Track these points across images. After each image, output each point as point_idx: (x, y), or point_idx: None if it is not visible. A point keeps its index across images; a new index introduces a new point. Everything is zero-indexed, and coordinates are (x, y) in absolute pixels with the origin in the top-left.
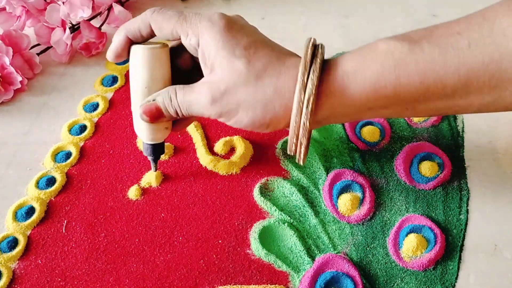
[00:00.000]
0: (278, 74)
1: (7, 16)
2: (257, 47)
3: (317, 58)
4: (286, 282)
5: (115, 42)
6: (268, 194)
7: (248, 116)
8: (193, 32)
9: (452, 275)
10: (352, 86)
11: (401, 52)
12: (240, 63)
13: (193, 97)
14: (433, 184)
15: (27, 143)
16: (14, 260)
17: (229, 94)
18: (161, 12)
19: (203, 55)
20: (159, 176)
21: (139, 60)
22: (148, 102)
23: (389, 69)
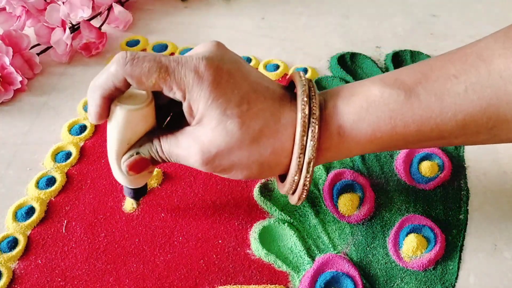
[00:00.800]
0: (274, 135)
1: (7, 16)
2: (250, 101)
3: (315, 115)
4: (286, 282)
5: (92, 106)
6: (268, 194)
7: (243, 174)
8: (178, 87)
9: (452, 275)
10: (348, 140)
11: (396, 101)
12: (233, 124)
13: (181, 152)
14: (433, 184)
15: (27, 143)
16: (14, 260)
17: (221, 157)
18: (136, 64)
19: (189, 109)
20: (160, 176)
21: (121, 120)
22: (131, 156)
23: (385, 120)
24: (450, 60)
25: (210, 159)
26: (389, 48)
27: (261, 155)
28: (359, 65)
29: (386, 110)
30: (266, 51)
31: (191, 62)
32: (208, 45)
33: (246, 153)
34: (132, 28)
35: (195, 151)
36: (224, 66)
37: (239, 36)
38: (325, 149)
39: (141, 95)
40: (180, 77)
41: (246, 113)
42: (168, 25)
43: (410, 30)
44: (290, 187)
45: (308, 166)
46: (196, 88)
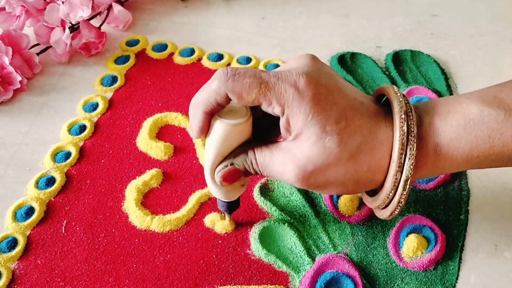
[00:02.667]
0: (372, 152)
1: (6, 16)
2: (347, 118)
3: (413, 133)
4: (286, 282)
5: (195, 121)
6: (268, 194)
7: (338, 191)
8: (277, 102)
9: (453, 275)
10: (444, 158)
11: (496, 121)
12: (332, 142)
13: (276, 168)
14: (434, 184)
15: (27, 143)
16: (14, 260)
17: (317, 174)
18: (237, 80)
19: (287, 124)
20: (160, 176)
21: (220, 134)
22: (226, 166)
23: (483, 139)
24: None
25: (306, 176)
26: (389, 48)
27: (357, 172)
28: (359, 65)
29: (485, 129)
30: (266, 51)
31: (291, 78)
32: (303, 59)
33: (343, 170)
34: (132, 27)
35: (291, 168)
36: (323, 81)
37: (239, 36)
38: (420, 167)
39: (240, 110)
40: (280, 92)
41: (345, 130)
42: (168, 25)
43: (410, 29)
44: (382, 203)
45: (405, 184)
46: (296, 103)
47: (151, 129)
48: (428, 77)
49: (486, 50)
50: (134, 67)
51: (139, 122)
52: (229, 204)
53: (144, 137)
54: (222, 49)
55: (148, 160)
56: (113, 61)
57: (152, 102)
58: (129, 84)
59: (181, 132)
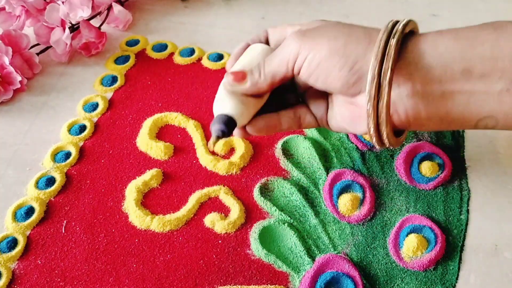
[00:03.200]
0: (361, 36)
1: (6, 16)
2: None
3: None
4: (286, 282)
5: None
6: (268, 194)
7: (329, 44)
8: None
9: (453, 275)
10: (432, 67)
11: (493, 37)
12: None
13: (278, 50)
14: (434, 184)
15: (27, 143)
16: (14, 261)
17: (312, 30)
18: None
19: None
20: (160, 176)
21: (252, 51)
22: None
23: (476, 47)
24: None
25: (302, 32)
26: None
27: (350, 28)
28: None
29: (479, 42)
30: None
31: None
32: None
33: (338, 27)
34: (132, 27)
35: (290, 35)
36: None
37: (239, 36)
38: (404, 70)
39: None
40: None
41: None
42: (168, 25)
43: None
44: (372, 77)
45: (394, 46)
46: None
47: (151, 129)
48: None
49: None
50: (134, 67)
51: (139, 122)
52: (229, 118)
53: (144, 137)
54: (222, 49)
55: (148, 160)
56: (113, 61)
57: (152, 102)
58: (129, 84)
59: (181, 132)
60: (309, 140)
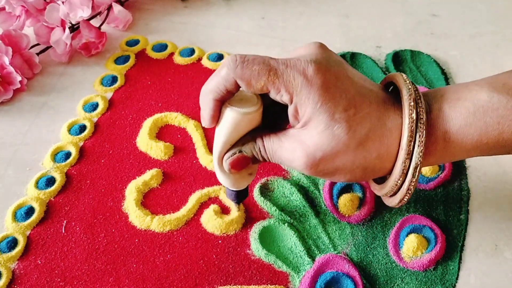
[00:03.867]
0: (380, 139)
1: (6, 16)
2: (356, 105)
3: (422, 120)
4: (286, 282)
5: (205, 109)
6: (268, 194)
7: (346, 178)
8: (286, 89)
9: (453, 275)
10: (453, 145)
11: (505, 108)
12: (340, 129)
13: (285, 155)
14: (434, 184)
15: (27, 143)
16: (14, 261)
17: (326, 161)
18: (246, 66)
19: (295, 112)
20: (160, 176)
21: (231, 122)
22: (234, 154)
23: (493, 126)
24: None
25: (315, 163)
26: (390, 48)
27: (366, 160)
28: (360, 65)
29: (494, 115)
30: (266, 51)
31: (300, 65)
32: (312, 47)
33: (351, 158)
34: (131, 27)
35: (300, 155)
36: (332, 69)
37: (239, 36)
38: (429, 154)
39: (251, 98)
40: (289, 80)
41: (353, 118)
42: (168, 25)
43: (410, 29)
44: (390, 190)
45: (414, 171)
46: (305, 91)
47: (151, 129)
48: (428, 77)
49: (486, 50)
50: (134, 67)
51: (139, 122)
52: (237, 193)
53: (144, 137)
54: (222, 49)
55: (148, 160)
56: (113, 61)
57: (152, 102)
58: (129, 84)
59: (181, 132)
60: None
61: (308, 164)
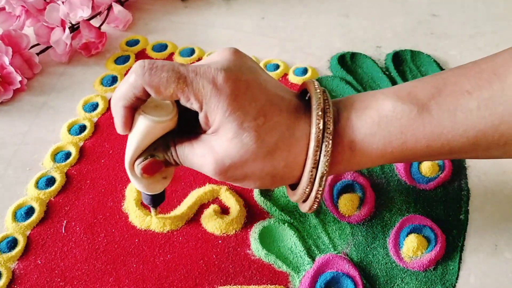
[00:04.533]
0: (289, 148)
1: (6, 16)
2: (266, 114)
3: (329, 130)
4: (286, 282)
5: (117, 117)
6: (268, 194)
7: (256, 185)
8: (195, 98)
9: (453, 275)
10: (359, 154)
11: (409, 117)
12: (249, 138)
13: (196, 161)
14: (434, 184)
15: (27, 143)
16: (14, 260)
17: (234, 168)
18: (155, 74)
19: (205, 119)
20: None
21: (143, 129)
22: (146, 159)
23: (396, 135)
24: (465, 75)
25: (224, 170)
26: (390, 48)
27: (274, 168)
28: (360, 65)
29: (397, 125)
30: (266, 51)
31: (209, 73)
32: (225, 53)
33: (260, 166)
34: (131, 27)
35: (209, 161)
36: (243, 77)
37: (239, 36)
38: (336, 163)
39: (166, 105)
40: (198, 88)
41: (262, 127)
42: (168, 25)
43: (410, 29)
44: (300, 197)
45: (320, 180)
46: (214, 100)
47: None
48: None
49: (486, 50)
50: None
51: None
52: (153, 197)
53: None
54: None
55: None
56: (113, 61)
57: None
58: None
59: None
60: None
61: (217, 171)
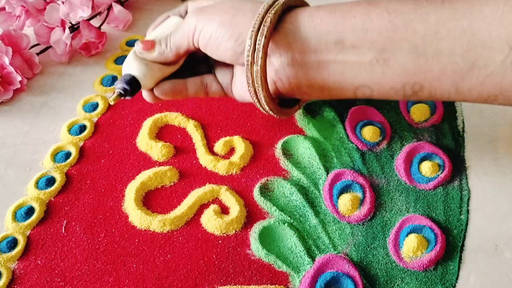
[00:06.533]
0: (242, 13)
1: (6, 16)
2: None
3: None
4: (286, 282)
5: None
6: (268, 194)
7: (219, 17)
8: None
9: (453, 275)
10: (315, 12)
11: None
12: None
13: (182, 24)
14: (434, 184)
15: (27, 143)
16: (14, 261)
17: (209, 6)
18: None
19: None
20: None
21: (167, 23)
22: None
23: (361, 3)
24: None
25: (199, 9)
26: None
27: (235, 3)
28: None
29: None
30: None
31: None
32: None
33: (223, 8)
34: (131, 27)
35: (190, 13)
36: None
37: None
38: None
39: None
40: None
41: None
42: None
43: None
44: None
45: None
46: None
47: (151, 129)
48: None
49: None
50: None
51: (139, 122)
52: (133, 79)
53: (144, 137)
54: None
55: (148, 160)
56: (113, 61)
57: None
58: None
59: (181, 132)
60: (309, 140)
61: (195, 9)
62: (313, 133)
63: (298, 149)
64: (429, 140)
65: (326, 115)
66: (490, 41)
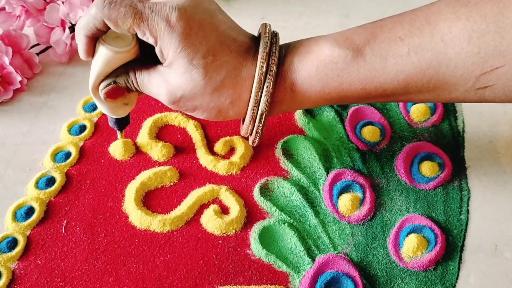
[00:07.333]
0: (234, 87)
1: (6, 16)
2: (215, 54)
3: (272, 72)
4: (286, 282)
5: (79, 44)
6: (268, 194)
7: (204, 116)
8: (150, 33)
9: (453, 275)
10: (300, 95)
11: (344, 61)
12: (198, 74)
13: (152, 90)
14: (434, 184)
15: (27, 143)
16: (14, 261)
17: (185, 99)
18: (113, 8)
19: (160, 53)
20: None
21: (103, 58)
22: (109, 84)
23: (333, 78)
24: (400, 22)
25: (176, 100)
26: None
27: (220, 103)
28: None
29: (334, 68)
30: None
31: (164, 11)
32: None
33: (207, 100)
34: None
35: (163, 91)
36: (196, 17)
37: None
38: (279, 102)
39: (126, 37)
40: (153, 24)
41: (211, 65)
42: None
43: None
44: (245, 132)
45: (261, 117)
46: (167, 36)
47: (151, 129)
48: None
49: None
50: None
51: (139, 122)
52: (117, 120)
53: (144, 137)
54: None
55: (148, 160)
56: None
57: (152, 102)
58: None
59: (181, 132)
60: (309, 140)
61: (170, 100)
62: (313, 133)
63: (298, 149)
64: (429, 140)
65: (326, 115)
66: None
